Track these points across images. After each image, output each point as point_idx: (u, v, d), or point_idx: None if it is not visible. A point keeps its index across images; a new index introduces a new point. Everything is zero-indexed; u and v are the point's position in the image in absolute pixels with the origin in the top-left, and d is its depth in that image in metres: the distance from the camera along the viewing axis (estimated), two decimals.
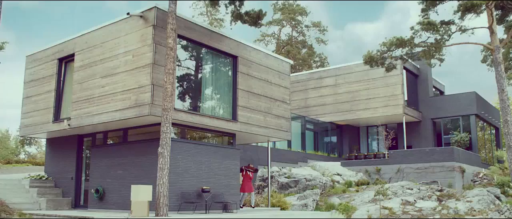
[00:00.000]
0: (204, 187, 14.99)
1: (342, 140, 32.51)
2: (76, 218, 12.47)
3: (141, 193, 12.21)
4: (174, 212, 13.94)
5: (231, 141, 16.93)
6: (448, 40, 20.86)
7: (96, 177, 16.17)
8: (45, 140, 19.28)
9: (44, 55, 17.53)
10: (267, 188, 19.34)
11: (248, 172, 17.16)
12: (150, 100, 13.18)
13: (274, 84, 18.13)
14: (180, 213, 13.97)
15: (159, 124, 13.12)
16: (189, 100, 15.65)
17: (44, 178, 17.91)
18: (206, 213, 14.78)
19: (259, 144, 24.14)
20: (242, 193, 17.12)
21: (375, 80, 29.57)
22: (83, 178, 17.28)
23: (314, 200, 20.23)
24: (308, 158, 28.01)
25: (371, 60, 21.98)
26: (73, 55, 16.21)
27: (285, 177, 22.46)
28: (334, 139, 33.07)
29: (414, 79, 31.74)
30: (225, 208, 15.78)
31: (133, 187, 12.43)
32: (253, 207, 17.32)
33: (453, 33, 20.86)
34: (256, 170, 17.29)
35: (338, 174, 25.06)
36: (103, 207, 15.58)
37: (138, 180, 14.38)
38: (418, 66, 31.61)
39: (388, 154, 26.07)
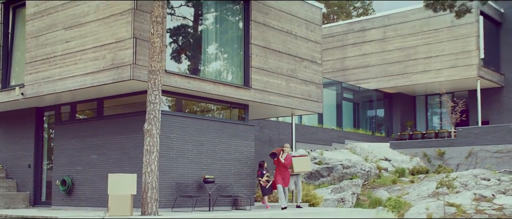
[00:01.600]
0: (206, 176, 15.08)
1: (391, 113, 32.39)
2: None
3: (122, 185, 12.29)
4: (166, 209, 14.06)
5: (243, 115, 16.97)
6: None
7: (62, 164, 16.32)
8: None
9: None
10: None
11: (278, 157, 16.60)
12: (132, 60, 13.13)
13: (300, 38, 18.00)
14: (175, 211, 14.10)
15: (145, 91, 13.10)
16: (186, 61, 15.67)
17: None
18: (209, 210, 14.90)
19: (280, 119, 24.16)
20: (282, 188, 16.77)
21: (439, 31, 29.14)
22: (45, 166, 17.48)
23: (354, 194, 20.33)
24: (345, 138, 28.06)
25: (434, 3, 21.49)
26: None
27: (315, 163, 22.58)
28: (380, 112, 32.95)
29: (495, 29, 31.16)
30: (235, 203, 15.90)
31: (111, 176, 12.53)
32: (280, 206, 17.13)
33: None
34: (272, 154, 16.70)
35: (386, 159, 25.12)
36: (72, 203, 15.77)
37: (118, 168, 14.49)
38: (502, 10, 30.98)
39: (455, 132, 25.94)
